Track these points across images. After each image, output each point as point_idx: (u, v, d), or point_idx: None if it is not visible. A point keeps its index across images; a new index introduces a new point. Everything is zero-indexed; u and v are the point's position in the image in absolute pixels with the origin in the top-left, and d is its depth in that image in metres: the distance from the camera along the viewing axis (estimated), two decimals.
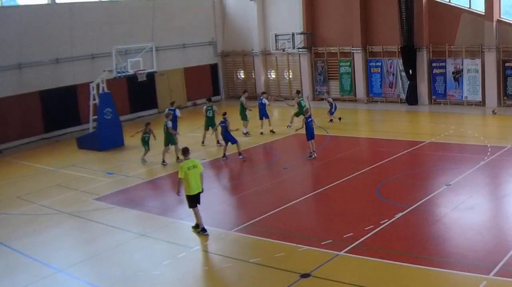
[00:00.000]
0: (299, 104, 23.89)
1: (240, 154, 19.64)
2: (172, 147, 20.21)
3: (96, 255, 12.47)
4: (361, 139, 22.81)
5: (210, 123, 22.15)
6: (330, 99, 25.73)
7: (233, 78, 35.27)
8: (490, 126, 23.78)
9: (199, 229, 13.21)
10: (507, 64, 25.65)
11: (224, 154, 19.86)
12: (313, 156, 19.20)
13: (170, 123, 20.14)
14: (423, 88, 28.10)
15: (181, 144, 20.83)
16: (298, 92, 25.32)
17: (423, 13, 27.36)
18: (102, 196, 16.84)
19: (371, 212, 13.75)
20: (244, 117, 23.71)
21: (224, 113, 20.23)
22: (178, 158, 19.74)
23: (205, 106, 22.56)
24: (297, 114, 24.02)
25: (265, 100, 24.17)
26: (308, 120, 19.34)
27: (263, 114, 23.98)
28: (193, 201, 13.11)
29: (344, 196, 15.63)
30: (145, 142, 20.37)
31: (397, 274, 10.42)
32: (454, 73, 27.20)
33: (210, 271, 11.43)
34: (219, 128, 20.51)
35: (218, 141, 21.82)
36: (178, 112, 22.37)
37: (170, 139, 20.02)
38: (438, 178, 16.28)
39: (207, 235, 13.04)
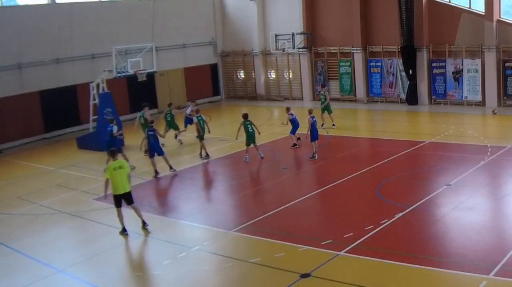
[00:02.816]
0: (325, 98, 24.11)
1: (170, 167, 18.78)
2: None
3: (96, 255, 12.47)
4: (361, 139, 22.81)
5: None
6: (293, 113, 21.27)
7: (233, 78, 35.28)
8: (490, 126, 23.78)
9: (126, 232, 13.46)
10: (507, 64, 25.65)
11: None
12: (315, 157, 19.16)
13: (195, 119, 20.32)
14: (423, 88, 28.11)
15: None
16: (323, 86, 26.03)
17: (423, 13, 27.37)
18: (102, 196, 16.79)
19: (371, 212, 13.74)
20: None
21: (152, 121, 19.20)
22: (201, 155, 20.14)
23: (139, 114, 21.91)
24: (325, 110, 23.98)
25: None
26: (313, 120, 19.28)
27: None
28: (119, 200, 13.45)
29: (344, 196, 15.63)
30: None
31: (397, 274, 10.42)
32: (454, 73, 27.21)
33: (210, 271, 11.42)
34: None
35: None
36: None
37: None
38: (438, 178, 16.27)
39: (127, 235, 13.37)
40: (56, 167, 20.76)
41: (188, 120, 23.20)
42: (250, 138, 19.52)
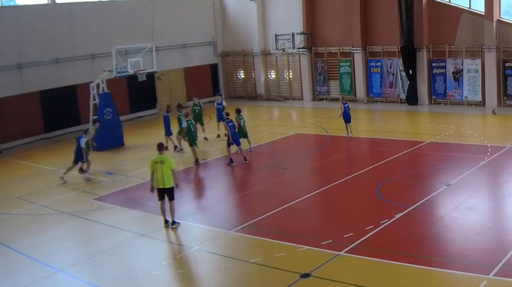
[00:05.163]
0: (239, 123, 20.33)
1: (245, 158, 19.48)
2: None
3: (96, 255, 12.47)
4: (361, 139, 22.80)
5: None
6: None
7: (233, 78, 35.29)
8: (490, 126, 23.78)
9: (167, 224, 13.68)
10: (507, 64, 25.66)
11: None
12: (351, 137, 21.49)
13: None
14: (423, 88, 28.11)
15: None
16: (238, 111, 20.65)
17: (423, 13, 27.38)
18: (102, 196, 16.84)
19: (371, 212, 13.74)
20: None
21: (227, 114, 19.94)
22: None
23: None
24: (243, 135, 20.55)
25: (224, 103, 23.56)
26: (345, 105, 21.69)
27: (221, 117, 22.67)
28: (160, 194, 13.65)
29: (344, 196, 15.63)
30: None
31: (397, 274, 10.42)
32: (454, 73, 27.22)
33: (210, 271, 11.42)
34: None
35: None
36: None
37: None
38: (438, 178, 16.27)
39: (176, 226, 13.59)
40: (56, 167, 20.73)
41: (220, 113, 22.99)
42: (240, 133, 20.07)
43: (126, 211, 15.46)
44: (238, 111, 20.48)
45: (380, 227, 12.54)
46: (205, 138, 23.12)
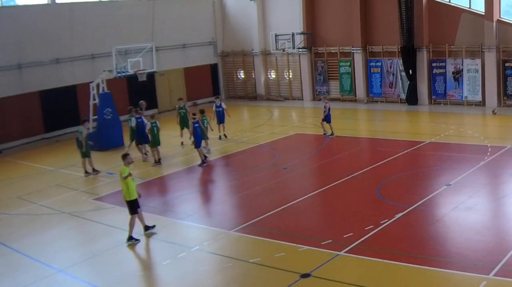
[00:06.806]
0: (203, 123, 20.94)
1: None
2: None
3: (96, 255, 12.47)
4: (361, 139, 22.81)
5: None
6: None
7: (233, 78, 35.29)
8: (490, 126, 23.77)
9: (147, 231, 13.37)
10: (507, 64, 25.65)
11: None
12: (333, 135, 21.99)
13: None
14: (423, 88, 28.11)
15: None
16: (202, 112, 21.35)
17: (423, 13, 27.38)
18: (102, 196, 16.85)
19: (371, 212, 13.74)
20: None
21: (194, 113, 19.95)
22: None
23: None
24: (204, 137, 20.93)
25: (223, 105, 23.46)
26: (327, 105, 22.20)
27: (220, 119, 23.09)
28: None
29: (344, 196, 15.62)
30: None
31: (397, 274, 10.42)
32: (454, 73, 27.21)
33: (210, 271, 11.42)
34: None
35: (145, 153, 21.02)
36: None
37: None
38: (438, 178, 16.27)
39: (149, 232, 13.34)
40: (56, 167, 20.77)
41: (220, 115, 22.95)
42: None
43: (126, 211, 15.31)
44: (202, 112, 21.16)
45: (380, 227, 12.53)
46: (184, 143, 22.71)
